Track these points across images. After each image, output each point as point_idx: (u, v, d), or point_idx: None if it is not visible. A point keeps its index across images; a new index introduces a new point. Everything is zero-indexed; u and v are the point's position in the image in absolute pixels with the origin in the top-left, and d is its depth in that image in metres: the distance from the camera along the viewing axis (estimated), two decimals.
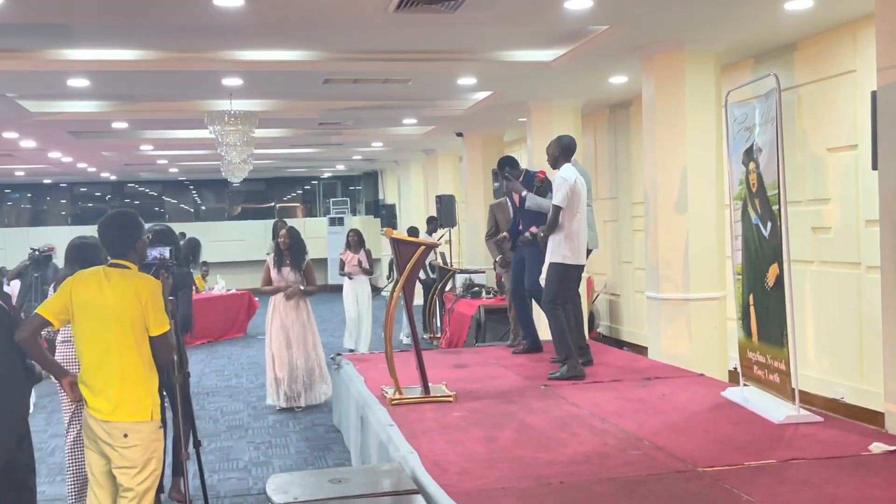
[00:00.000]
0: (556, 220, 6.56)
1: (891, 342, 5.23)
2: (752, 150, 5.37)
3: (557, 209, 6.55)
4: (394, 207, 19.65)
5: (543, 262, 6.86)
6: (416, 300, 12.38)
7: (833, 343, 7.77)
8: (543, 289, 6.84)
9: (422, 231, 14.00)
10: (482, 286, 11.89)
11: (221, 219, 24.89)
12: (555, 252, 6.60)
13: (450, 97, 11.45)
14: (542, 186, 7.18)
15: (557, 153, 6.76)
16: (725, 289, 8.02)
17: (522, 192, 7.22)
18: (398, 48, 8.34)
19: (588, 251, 6.99)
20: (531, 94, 10.67)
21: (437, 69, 9.06)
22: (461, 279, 12.54)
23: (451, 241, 14.30)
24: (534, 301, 7.53)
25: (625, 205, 12.04)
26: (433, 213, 14.76)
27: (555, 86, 10.00)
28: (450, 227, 13.92)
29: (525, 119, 11.59)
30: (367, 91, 10.34)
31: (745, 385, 5.73)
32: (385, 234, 6.51)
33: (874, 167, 5.43)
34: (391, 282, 13.01)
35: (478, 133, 14.30)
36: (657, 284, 8.22)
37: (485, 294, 11.43)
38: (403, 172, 20.63)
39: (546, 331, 7.07)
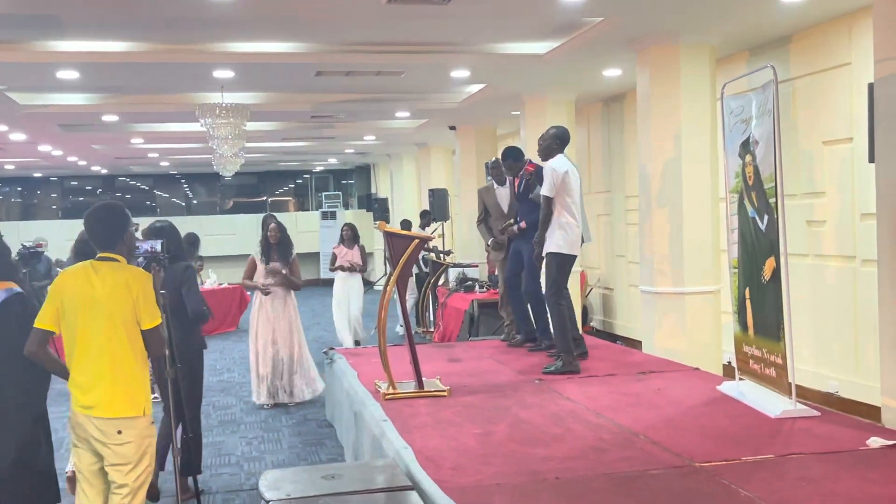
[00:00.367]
0: (548, 211, 6.53)
1: (887, 337, 5.21)
2: (749, 143, 5.32)
3: (547, 199, 6.52)
4: (386, 201, 19.60)
5: (540, 264, 6.81)
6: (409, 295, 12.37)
7: (827, 337, 7.76)
8: (545, 282, 6.78)
9: (415, 225, 13.94)
10: (475, 280, 11.87)
11: (213, 213, 24.81)
12: (549, 242, 6.57)
13: (443, 90, 11.40)
14: (532, 180, 7.13)
15: (552, 144, 6.70)
16: (720, 282, 8.00)
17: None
18: (391, 40, 8.28)
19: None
20: (525, 88, 10.63)
21: (430, 62, 9.02)
22: (454, 273, 12.50)
23: (444, 235, 14.24)
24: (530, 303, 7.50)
25: (618, 198, 12.01)
26: (426, 207, 14.70)
27: (548, 79, 9.96)
28: (443, 221, 13.87)
29: (518, 112, 11.55)
30: (360, 84, 10.28)
31: (741, 379, 5.70)
32: (378, 228, 6.45)
33: (871, 160, 5.40)
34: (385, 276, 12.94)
35: (471, 126, 14.25)
36: (651, 278, 8.19)
37: (478, 288, 11.39)
38: (396, 166, 20.56)
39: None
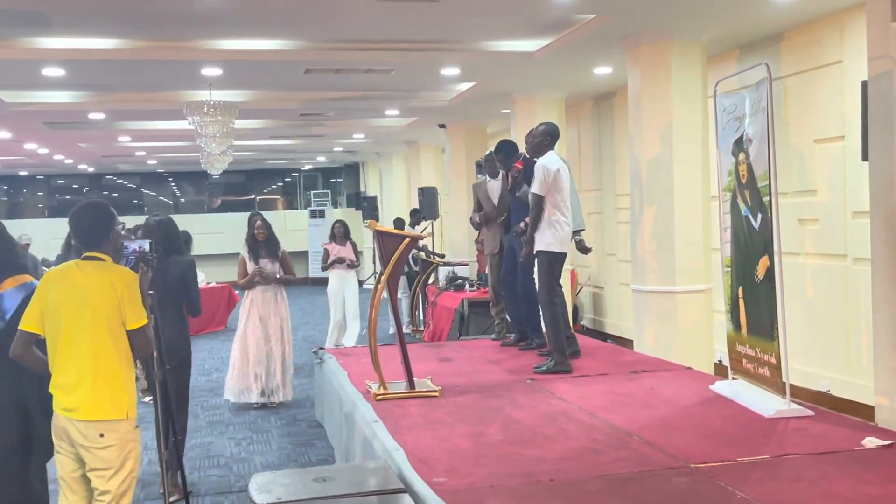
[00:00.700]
0: (538, 209, 6.48)
1: (881, 335, 5.18)
2: (742, 141, 5.28)
3: (537, 198, 6.47)
4: (375, 200, 19.51)
5: (532, 262, 6.77)
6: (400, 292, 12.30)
7: (819, 335, 7.74)
8: (537, 282, 6.74)
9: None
10: (465, 279, 11.81)
11: (201, 211, 24.67)
12: (539, 241, 6.52)
13: (433, 88, 11.34)
14: (519, 178, 7.08)
15: (543, 140, 6.64)
16: (711, 281, 7.97)
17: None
18: (381, 37, 8.21)
19: (576, 232, 6.97)
20: (515, 86, 10.58)
21: (420, 59, 8.96)
22: (444, 271, 12.44)
23: (434, 234, 14.17)
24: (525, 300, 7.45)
25: (609, 197, 11.98)
26: (415, 206, 14.64)
27: (539, 77, 9.91)
28: (432, 220, 13.81)
29: (508, 110, 11.50)
30: (349, 81, 10.22)
31: (734, 379, 5.67)
32: (368, 227, 6.39)
33: (864, 158, 5.37)
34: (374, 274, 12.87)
35: (461, 125, 14.18)
36: (643, 277, 8.16)
37: (468, 287, 11.35)
38: (385, 164, 20.47)
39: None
